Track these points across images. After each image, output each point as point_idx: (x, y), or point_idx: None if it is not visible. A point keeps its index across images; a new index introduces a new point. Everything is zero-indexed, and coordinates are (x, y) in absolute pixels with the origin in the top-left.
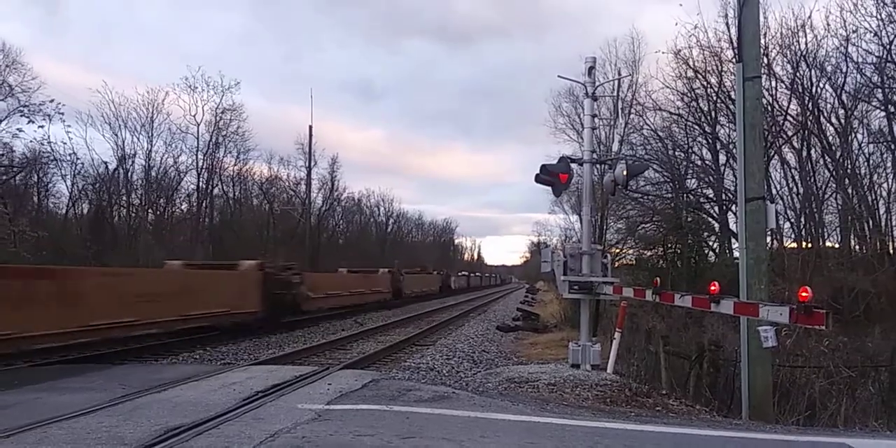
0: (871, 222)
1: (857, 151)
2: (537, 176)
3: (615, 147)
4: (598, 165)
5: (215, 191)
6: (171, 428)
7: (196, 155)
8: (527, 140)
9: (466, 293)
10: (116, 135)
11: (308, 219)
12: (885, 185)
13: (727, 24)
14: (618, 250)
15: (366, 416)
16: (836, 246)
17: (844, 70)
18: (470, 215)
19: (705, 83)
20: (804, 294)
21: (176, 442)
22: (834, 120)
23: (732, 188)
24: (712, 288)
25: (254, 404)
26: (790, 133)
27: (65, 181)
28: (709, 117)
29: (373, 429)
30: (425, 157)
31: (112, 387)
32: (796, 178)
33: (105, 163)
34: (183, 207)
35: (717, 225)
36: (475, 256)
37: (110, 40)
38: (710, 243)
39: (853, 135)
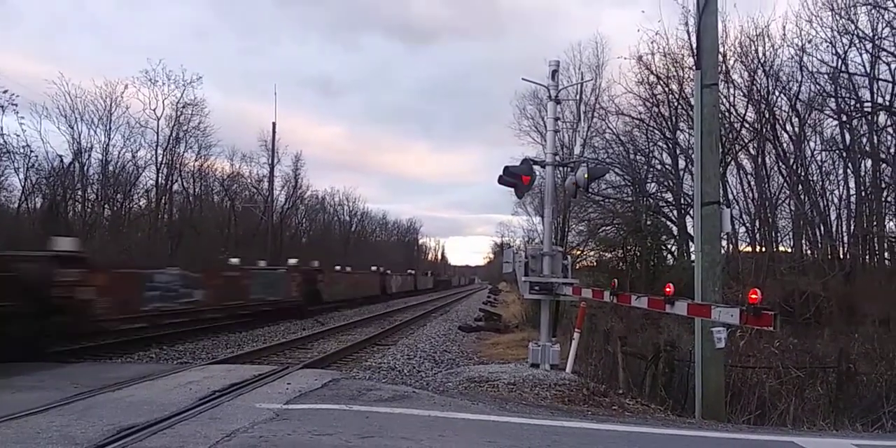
0: (822, 228)
1: (810, 159)
2: (500, 177)
3: (577, 150)
4: (560, 168)
5: (175, 187)
6: (125, 427)
7: (155, 150)
8: (491, 141)
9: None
10: (72, 127)
11: (270, 217)
12: (836, 191)
13: (688, 31)
14: (579, 252)
15: (325, 416)
16: (789, 250)
17: (799, 79)
18: (434, 215)
19: (666, 89)
20: (754, 296)
21: (129, 442)
22: (788, 127)
23: (691, 192)
24: (668, 290)
25: (211, 404)
26: (746, 140)
27: (17, 174)
28: (669, 123)
29: (332, 428)
30: (388, 155)
31: (64, 385)
32: (752, 183)
33: (60, 156)
34: (141, 203)
35: (675, 228)
36: (439, 257)
37: (65, 31)
38: (669, 246)
39: (806, 142)
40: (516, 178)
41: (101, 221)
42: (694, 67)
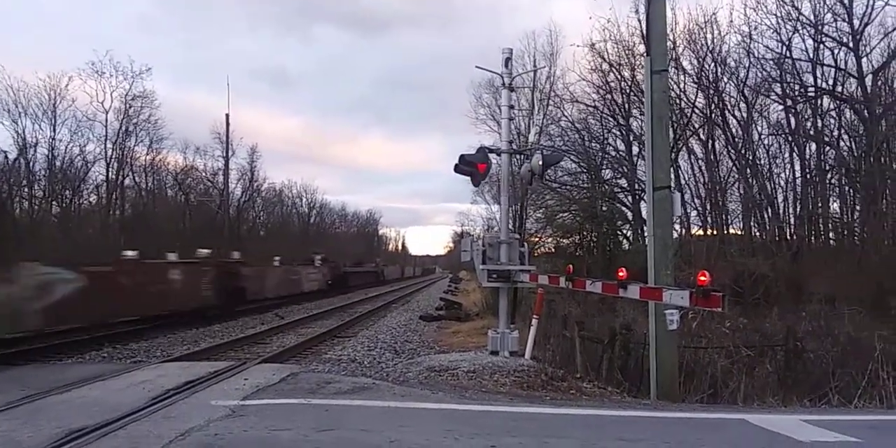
0: (770, 210)
1: (757, 143)
2: (456, 166)
3: (533, 138)
4: (516, 156)
5: (126, 182)
6: (74, 430)
7: (105, 144)
8: (448, 130)
9: None
10: (16, 122)
11: (227, 210)
12: (783, 174)
13: (638, 19)
14: (537, 239)
15: (283, 411)
16: (739, 233)
17: (747, 65)
18: (393, 206)
19: (619, 76)
20: (702, 278)
21: (79, 445)
22: (737, 113)
23: (644, 178)
24: (620, 274)
25: (165, 402)
26: (697, 125)
27: None
28: (623, 110)
29: (290, 423)
30: (345, 146)
31: (10, 388)
32: (702, 168)
33: (4, 152)
34: (91, 199)
35: (630, 214)
36: (400, 247)
37: (4, 23)
38: (624, 231)
39: (754, 127)
40: (472, 166)
41: (49, 219)
42: (645, 54)
